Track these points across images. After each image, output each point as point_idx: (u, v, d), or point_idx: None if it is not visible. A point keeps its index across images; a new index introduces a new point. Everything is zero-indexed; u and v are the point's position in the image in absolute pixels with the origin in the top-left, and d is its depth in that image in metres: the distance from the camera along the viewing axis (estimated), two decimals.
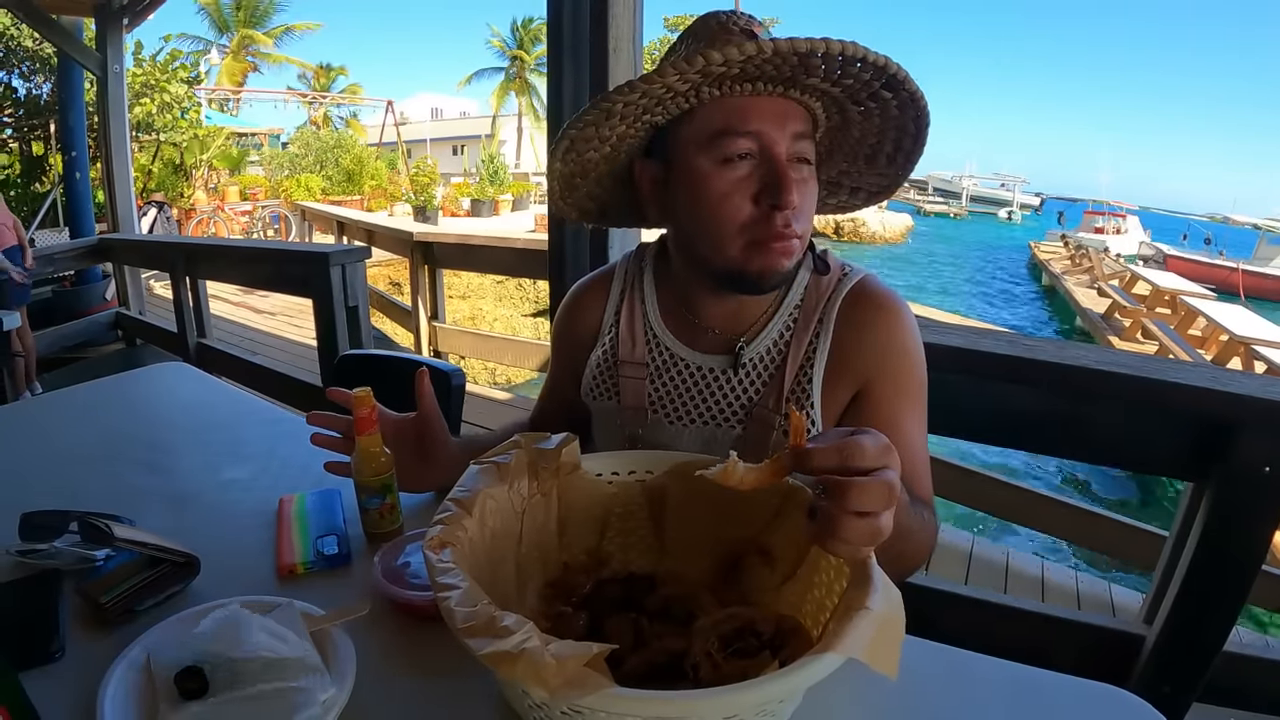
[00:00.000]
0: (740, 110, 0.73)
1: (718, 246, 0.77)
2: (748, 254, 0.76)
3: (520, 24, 28.31)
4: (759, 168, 0.74)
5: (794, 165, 0.74)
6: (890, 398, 0.81)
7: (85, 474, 1.09)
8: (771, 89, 0.73)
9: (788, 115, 0.74)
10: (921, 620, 0.58)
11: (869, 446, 0.50)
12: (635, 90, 0.70)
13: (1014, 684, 0.68)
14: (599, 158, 0.82)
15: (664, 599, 0.67)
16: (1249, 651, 1.48)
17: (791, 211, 0.73)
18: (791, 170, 0.74)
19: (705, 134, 0.74)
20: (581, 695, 0.42)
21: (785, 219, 0.73)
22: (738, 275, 0.78)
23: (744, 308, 0.85)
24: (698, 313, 0.87)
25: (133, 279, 5.14)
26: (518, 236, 5.25)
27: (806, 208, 0.76)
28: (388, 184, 16.32)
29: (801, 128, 0.75)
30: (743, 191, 0.74)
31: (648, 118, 0.77)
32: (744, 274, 0.77)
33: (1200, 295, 10.39)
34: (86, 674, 0.65)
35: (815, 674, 0.44)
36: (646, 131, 0.80)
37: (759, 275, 0.76)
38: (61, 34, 5.00)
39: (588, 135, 0.78)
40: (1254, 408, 1.20)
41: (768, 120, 0.73)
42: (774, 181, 0.73)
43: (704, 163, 0.75)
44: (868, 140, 0.81)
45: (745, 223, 0.75)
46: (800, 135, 0.75)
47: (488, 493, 0.63)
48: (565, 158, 0.81)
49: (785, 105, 0.74)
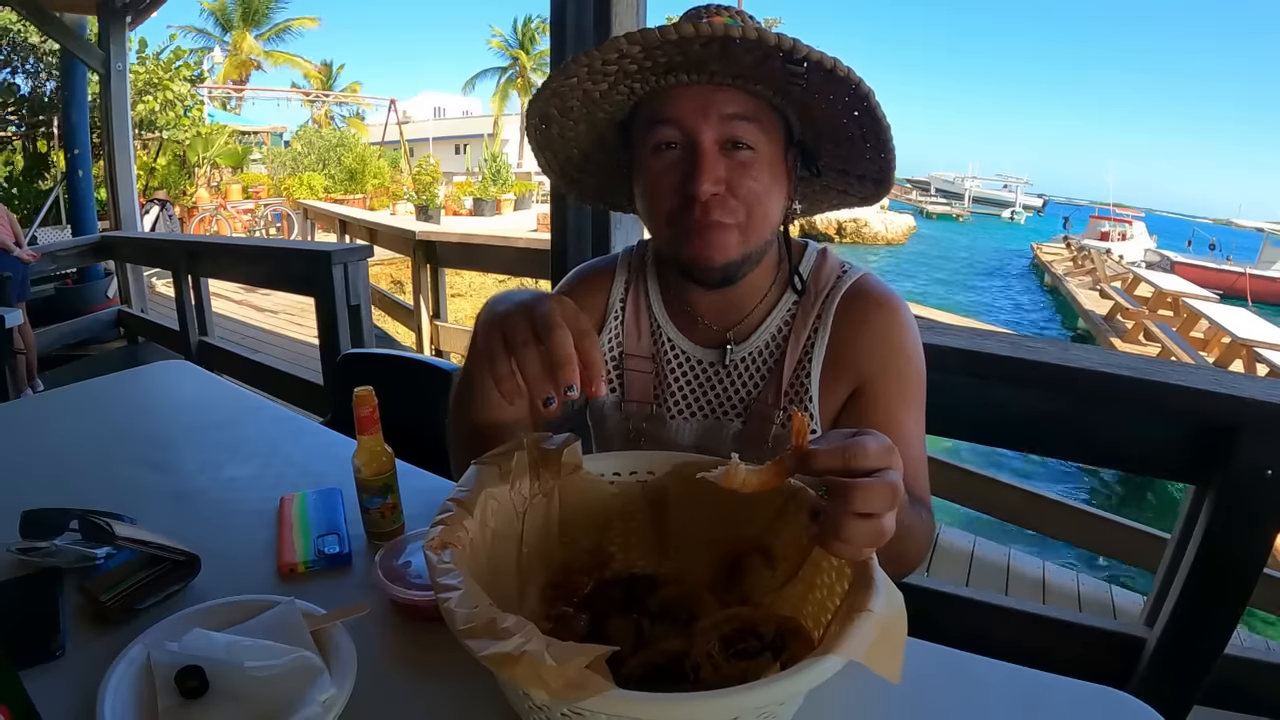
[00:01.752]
0: (664, 99, 0.74)
1: (657, 236, 0.80)
2: (676, 245, 0.77)
3: (521, 24, 28.35)
4: (684, 157, 0.74)
5: (727, 152, 0.73)
6: (888, 395, 0.81)
7: (86, 472, 1.09)
8: (693, 78, 0.72)
9: (714, 101, 0.72)
10: (922, 621, 0.58)
11: (871, 448, 0.50)
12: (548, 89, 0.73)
13: (1015, 686, 0.68)
14: (580, 155, 0.84)
15: (665, 600, 0.66)
16: (1250, 655, 1.48)
17: (712, 199, 0.73)
18: (722, 157, 0.73)
19: (642, 125, 0.77)
20: (582, 697, 0.42)
21: (704, 209, 0.73)
22: (681, 267, 0.79)
23: (729, 301, 0.85)
24: (692, 304, 0.88)
25: (135, 277, 5.14)
26: (520, 236, 5.26)
27: (744, 194, 0.74)
28: (390, 183, 16.31)
29: (735, 109, 0.72)
30: (668, 181, 0.75)
31: (600, 115, 0.79)
32: (682, 265, 0.79)
33: (1202, 298, 10.38)
34: (87, 672, 0.65)
35: (817, 676, 0.44)
36: (613, 128, 0.82)
37: (691, 266, 0.77)
38: (65, 31, 5.00)
39: (551, 136, 0.81)
40: (1256, 410, 1.20)
41: (688, 108, 0.73)
42: (690, 169, 0.73)
43: (642, 153, 0.77)
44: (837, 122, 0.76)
45: (670, 212, 0.76)
46: (734, 117, 0.72)
47: (489, 493, 0.63)
48: (544, 154, 0.84)
49: (711, 92, 0.73)
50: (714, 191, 0.73)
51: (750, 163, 0.74)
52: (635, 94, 0.76)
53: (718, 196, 0.73)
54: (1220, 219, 54.05)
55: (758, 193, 0.74)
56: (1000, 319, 15.24)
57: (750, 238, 0.76)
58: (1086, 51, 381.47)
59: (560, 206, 1.91)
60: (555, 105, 0.77)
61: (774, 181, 0.76)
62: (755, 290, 0.85)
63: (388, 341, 5.06)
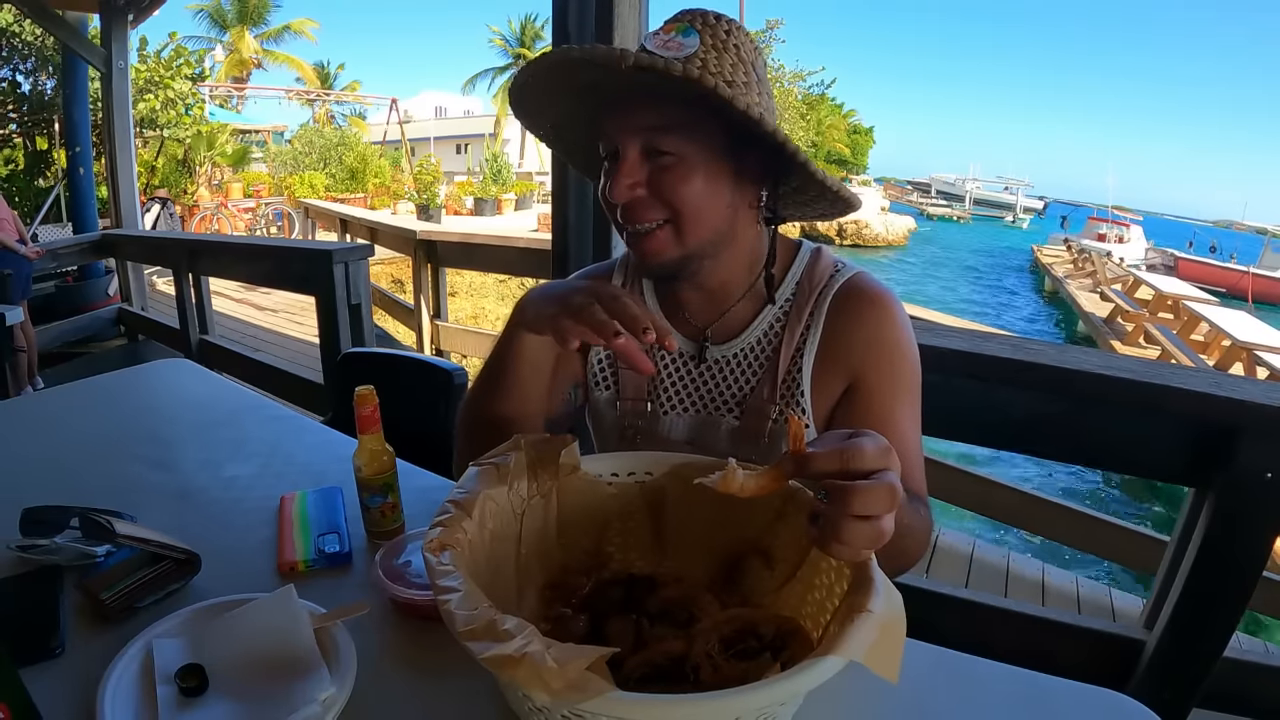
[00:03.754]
0: (602, 115, 0.78)
1: None
2: (628, 245, 0.81)
3: (522, 23, 28.33)
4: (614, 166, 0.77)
5: (652, 159, 0.75)
6: (882, 392, 0.81)
7: (86, 469, 1.09)
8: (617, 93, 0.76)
9: (632, 112, 0.75)
10: (922, 623, 0.58)
11: (869, 449, 0.50)
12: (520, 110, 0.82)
13: (1014, 688, 0.68)
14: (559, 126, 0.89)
15: (664, 601, 0.66)
16: (1249, 658, 1.48)
17: (635, 201, 0.76)
18: (644, 164, 0.75)
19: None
20: (584, 698, 0.42)
21: (624, 212, 0.77)
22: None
23: (706, 297, 0.87)
24: (677, 300, 0.90)
25: (135, 275, 5.15)
26: (521, 236, 5.26)
27: (668, 196, 0.75)
28: (391, 182, 16.30)
29: (654, 120, 0.74)
30: (608, 188, 0.78)
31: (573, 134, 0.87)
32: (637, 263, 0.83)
33: (1203, 300, 10.38)
34: (87, 670, 0.66)
35: (818, 677, 0.44)
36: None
37: (639, 264, 0.82)
38: (67, 30, 5.01)
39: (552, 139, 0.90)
40: (1256, 413, 1.20)
41: (612, 121, 0.77)
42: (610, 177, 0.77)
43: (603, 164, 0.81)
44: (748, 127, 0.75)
45: (616, 219, 0.80)
46: (652, 127, 0.74)
47: (487, 494, 0.63)
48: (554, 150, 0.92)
49: (632, 101, 0.75)
50: (630, 196, 0.76)
51: (674, 166, 0.75)
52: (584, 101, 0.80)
53: (639, 199, 0.76)
54: (1221, 221, 54.02)
55: (684, 194, 0.75)
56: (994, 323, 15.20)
57: (686, 238, 0.77)
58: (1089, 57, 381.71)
59: (561, 206, 1.90)
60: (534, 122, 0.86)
61: (710, 183, 0.76)
62: (730, 288, 0.86)
63: (388, 341, 5.06)
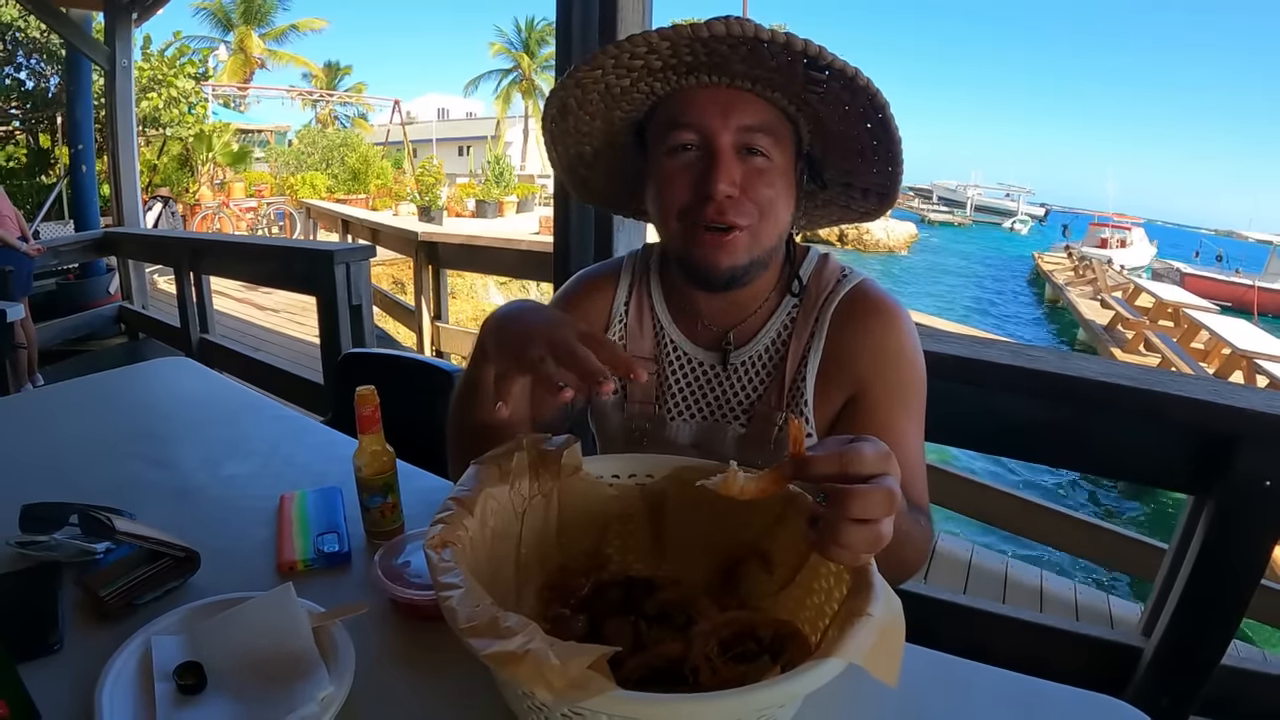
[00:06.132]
0: (683, 102, 0.75)
1: (665, 232, 0.81)
2: (686, 243, 0.78)
3: (524, 26, 28.37)
4: (701, 158, 0.75)
5: (743, 157, 0.74)
6: (886, 402, 0.81)
7: (86, 467, 1.09)
8: (715, 80, 0.74)
9: (733, 106, 0.74)
10: (920, 629, 0.58)
11: (868, 454, 0.51)
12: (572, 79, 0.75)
13: (1012, 693, 0.68)
14: (591, 152, 0.86)
15: (662, 603, 0.66)
16: (1247, 665, 1.48)
17: (726, 200, 0.74)
18: (739, 161, 0.74)
19: (659, 126, 0.78)
20: (585, 697, 0.42)
21: (718, 208, 0.74)
22: (688, 266, 0.80)
23: (732, 302, 0.86)
24: (694, 306, 0.89)
25: (136, 273, 5.14)
26: (522, 238, 5.27)
27: (757, 199, 0.75)
28: (393, 183, 16.31)
29: (753, 120, 0.74)
30: (683, 179, 0.76)
31: (618, 113, 0.80)
32: (691, 265, 0.79)
33: (1203, 309, 10.38)
34: (85, 667, 0.65)
35: (817, 679, 0.44)
36: (629, 128, 0.83)
37: (698, 266, 0.78)
38: (70, 27, 5.01)
39: (566, 129, 0.82)
40: (1255, 421, 1.20)
41: (709, 111, 0.74)
42: (707, 170, 0.74)
43: (659, 153, 0.78)
44: (850, 133, 0.78)
45: (681, 209, 0.77)
46: (751, 128, 0.74)
47: (489, 492, 0.63)
48: (556, 148, 0.85)
49: (732, 96, 0.74)
50: (729, 193, 0.74)
51: (766, 169, 0.75)
52: (655, 93, 0.78)
53: (732, 199, 0.74)
54: (1224, 230, 54.06)
55: (770, 199, 0.76)
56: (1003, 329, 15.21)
57: (759, 243, 0.77)
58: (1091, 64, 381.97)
59: (563, 209, 1.91)
60: (576, 96, 0.78)
61: (784, 190, 0.77)
62: (758, 294, 0.86)
63: (389, 342, 5.06)
